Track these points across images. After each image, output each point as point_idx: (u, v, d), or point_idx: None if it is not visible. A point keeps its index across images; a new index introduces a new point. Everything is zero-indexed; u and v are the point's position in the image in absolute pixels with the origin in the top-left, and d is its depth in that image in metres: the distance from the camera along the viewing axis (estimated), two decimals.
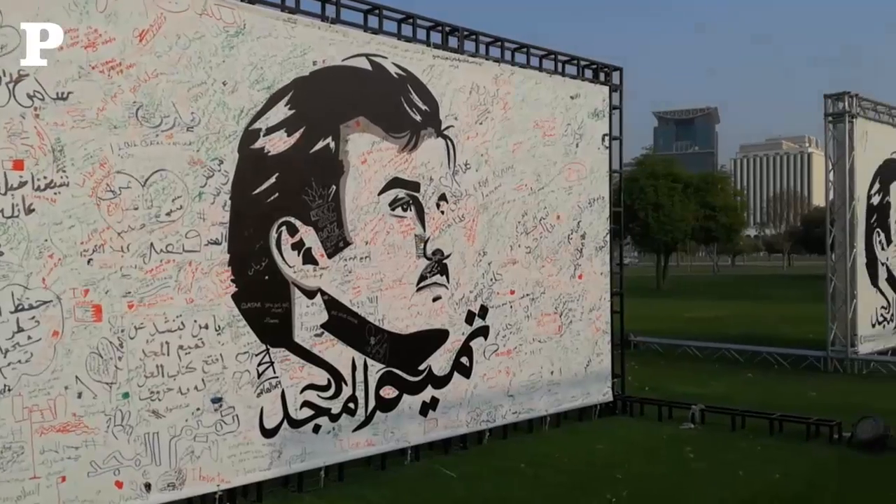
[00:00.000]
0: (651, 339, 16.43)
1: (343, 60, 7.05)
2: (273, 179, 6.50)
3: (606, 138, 9.85)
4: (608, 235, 9.84)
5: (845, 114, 13.09)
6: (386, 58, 7.38)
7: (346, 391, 7.01)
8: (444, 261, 7.86)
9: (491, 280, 8.36)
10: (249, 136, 6.36)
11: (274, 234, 6.53)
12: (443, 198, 7.84)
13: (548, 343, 9.01)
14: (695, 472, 7.08)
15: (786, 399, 10.41)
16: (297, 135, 6.65)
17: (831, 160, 13.50)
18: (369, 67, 7.24)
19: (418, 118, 7.62)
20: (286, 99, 6.58)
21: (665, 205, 38.49)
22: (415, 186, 7.58)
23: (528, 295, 8.78)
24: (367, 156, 7.18)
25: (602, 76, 9.95)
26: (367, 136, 7.19)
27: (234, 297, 6.23)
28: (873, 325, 13.67)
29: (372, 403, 7.21)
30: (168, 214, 5.87)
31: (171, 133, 5.90)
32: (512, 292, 8.60)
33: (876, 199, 13.96)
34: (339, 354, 6.96)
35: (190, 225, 5.99)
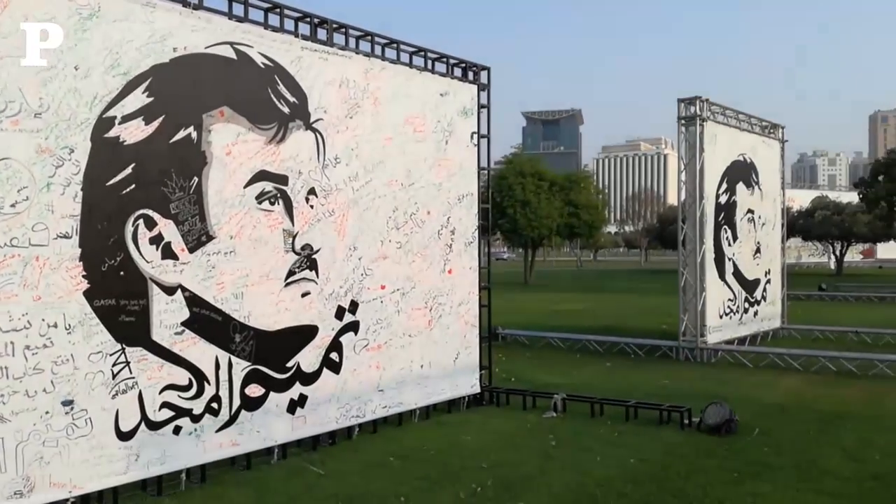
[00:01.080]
0: (518, 332, 16.94)
1: (206, 48, 6.79)
2: (129, 170, 6.17)
3: (475, 136, 10.05)
4: (477, 231, 10.05)
5: (696, 117, 14.02)
6: (252, 47, 7.17)
7: (209, 391, 6.77)
8: (314, 256, 7.75)
9: (361, 275, 8.33)
10: (103, 123, 6.00)
11: (130, 228, 6.20)
12: (312, 192, 7.73)
13: (418, 337, 9.09)
14: (556, 458, 7.37)
15: (641, 387, 11.04)
16: (155, 123, 6.34)
17: (683, 161, 14.41)
18: (234, 56, 7.01)
19: (286, 110, 7.46)
20: (144, 86, 6.25)
21: (532, 202, 39.74)
22: (283, 180, 7.42)
23: (398, 290, 8.82)
24: (232, 147, 6.96)
25: (471, 75, 10.14)
26: (232, 127, 6.97)
27: (87, 293, 5.87)
28: (721, 317, 14.72)
29: (237, 402, 7.00)
30: (13, 206, 5.46)
31: (17, 119, 5.49)
32: (382, 287, 8.61)
33: (723, 199, 15.02)
34: (202, 353, 6.72)
35: (37, 217, 5.59)
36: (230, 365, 6.94)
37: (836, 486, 6.41)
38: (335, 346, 8.04)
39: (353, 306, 8.23)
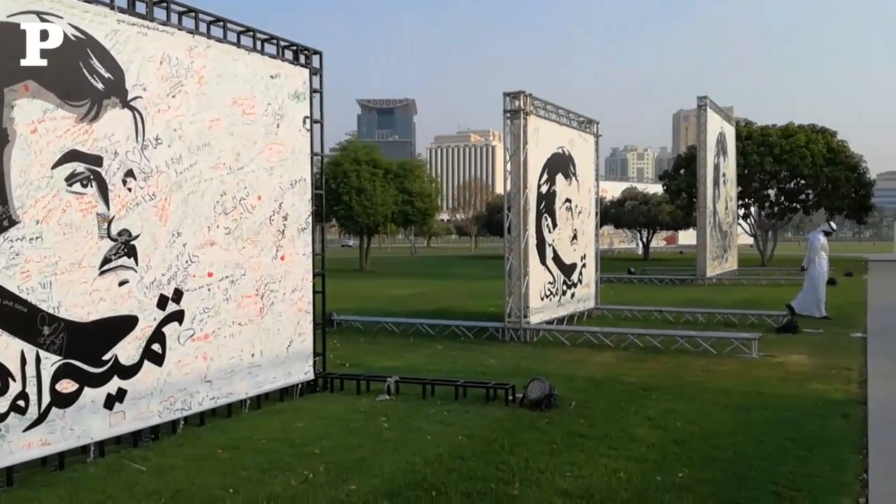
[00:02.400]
0: (353, 318, 16.97)
1: (8, 17, 6.19)
2: None
3: (307, 121, 9.91)
4: (310, 217, 9.94)
5: (520, 111, 14.67)
6: (62, 17, 6.61)
7: (15, 388, 6.22)
8: (132, 242, 7.32)
9: (186, 262, 7.98)
10: None
11: None
12: (130, 174, 7.27)
13: (248, 326, 8.87)
14: (388, 440, 7.50)
15: (471, 367, 11.47)
16: None
17: (508, 152, 15.04)
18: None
19: (100, 86, 6.96)
20: None
21: (367, 189, 39.77)
22: (96, 160, 6.93)
23: (227, 277, 8.54)
24: (39, 124, 6.40)
25: (302, 58, 9.97)
26: (39, 103, 6.41)
27: None
28: (542, 299, 15.57)
29: (46, 399, 6.49)
30: None
31: None
32: (210, 275, 8.30)
33: (545, 189, 15.85)
34: (5, 347, 6.16)
35: None
36: (38, 359, 6.41)
37: (643, 452, 7.01)
38: (157, 337, 7.65)
39: (178, 295, 7.87)
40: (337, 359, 11.83)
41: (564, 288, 16.86)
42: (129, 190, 7.28)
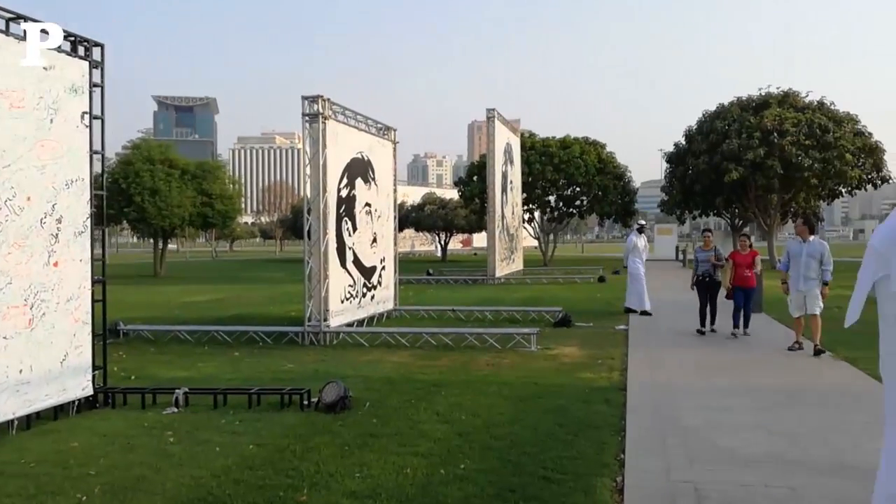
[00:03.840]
0: (142, 327, 16.06)
1: None
2: None
3: (86, 116, 9.28)
4: (89, 220, 9.31)
5: (319, 115, 14.70)
6: None
7: None
8: None
9: None
10: None
11: None
12: None
13: (15, 339, 8.14)
14: (172, 455, 7.21)
15: (267, 373, 11.33)
16: None
17: (308, 156, 15.01)
18: None
19: None
20: None
21: (162, 190, 37.62)
22: None
23: None
24: None
25: (81, 50, 9.33)
26: None
27: None
28: (342, 301, 15.68)
29: None
30: None
31: None
32: None
33: (344, 192, 15.99)
34: None
35: None
36: None
37: (430, 447, 7.35)
38: None
39: None
40: (122, 372, 11.18)
41: (364, 290, 17.10)
42: None
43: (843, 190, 42.84)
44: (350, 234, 16.25)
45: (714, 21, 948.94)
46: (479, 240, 66.30)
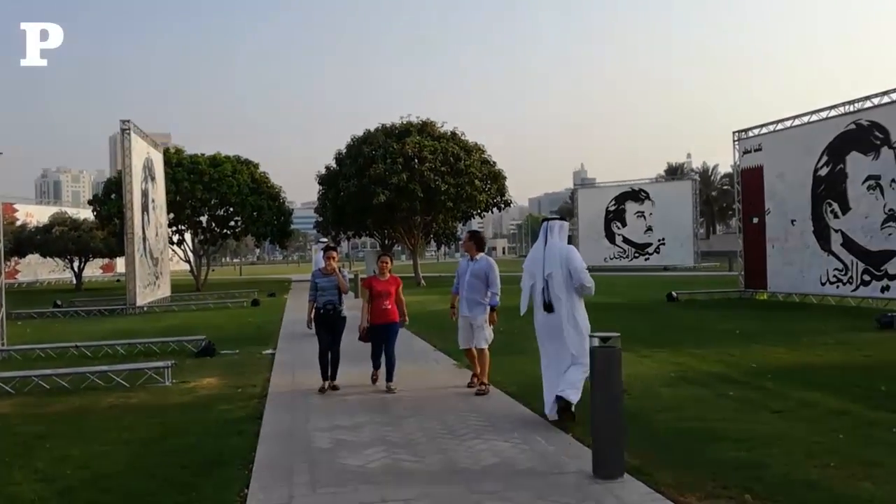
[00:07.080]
0: None
1: None
2: None
3: None
4: None
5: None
6: None
7: None
8: None
9: None
10: None
11: None
12: None
13: None
14: None
15: None
16: None
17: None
18: None
19: None
20: None
21: None
22: None
23: None
24: None
25: None
26: None
27: None
28: None
29: None
30: None
31: None
32: None
33: None
34: None
35: None
36: None
37: None
38: None
39: None
40: None
41: None
42: None
43: (474, 212, 47.80)
44: None
45: (359, 45, 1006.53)
46: (122, 264, 60.82)
